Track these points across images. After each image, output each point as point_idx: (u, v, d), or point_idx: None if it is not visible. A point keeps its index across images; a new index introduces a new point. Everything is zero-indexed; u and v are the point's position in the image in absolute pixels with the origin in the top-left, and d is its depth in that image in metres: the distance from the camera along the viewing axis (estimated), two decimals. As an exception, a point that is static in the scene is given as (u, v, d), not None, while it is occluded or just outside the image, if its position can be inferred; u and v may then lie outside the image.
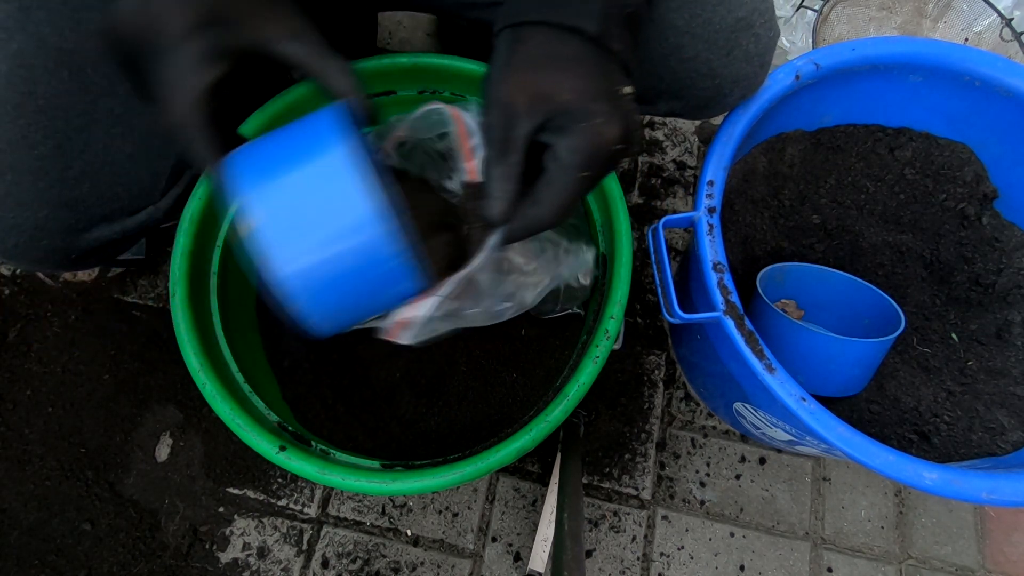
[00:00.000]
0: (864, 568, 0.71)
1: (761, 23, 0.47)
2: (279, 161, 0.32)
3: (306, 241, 0.31)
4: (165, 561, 0.70)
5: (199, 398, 0.74)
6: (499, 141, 0.33)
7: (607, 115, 0.32)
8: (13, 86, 0.42)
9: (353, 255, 0.31)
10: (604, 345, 0.48)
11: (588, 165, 0.32)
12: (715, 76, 0.47)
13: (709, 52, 0.46)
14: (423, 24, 0.99)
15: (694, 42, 0.45)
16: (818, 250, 0.71)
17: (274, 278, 0.31)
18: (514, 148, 0.33)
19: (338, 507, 0.72)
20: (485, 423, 0.61)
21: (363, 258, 0.32)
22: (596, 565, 0.71)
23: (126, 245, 0.52)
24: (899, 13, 0.94)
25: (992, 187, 0.63)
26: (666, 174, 0.89)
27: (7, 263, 0.55)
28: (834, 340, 0.59)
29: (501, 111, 0.33)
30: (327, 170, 0.31)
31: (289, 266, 0.31)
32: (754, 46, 0.47)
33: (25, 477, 0.72)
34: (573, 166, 0.32)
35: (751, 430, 0.66)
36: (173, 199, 0.52)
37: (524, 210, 0.34)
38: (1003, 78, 0.55)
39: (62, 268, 0.49)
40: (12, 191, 0.43)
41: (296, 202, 0.31)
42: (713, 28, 0.45)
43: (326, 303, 0.33)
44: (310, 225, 0.31)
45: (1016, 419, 0.57)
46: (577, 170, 0.32)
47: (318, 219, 0.31)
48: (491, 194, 0.33)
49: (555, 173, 0.33)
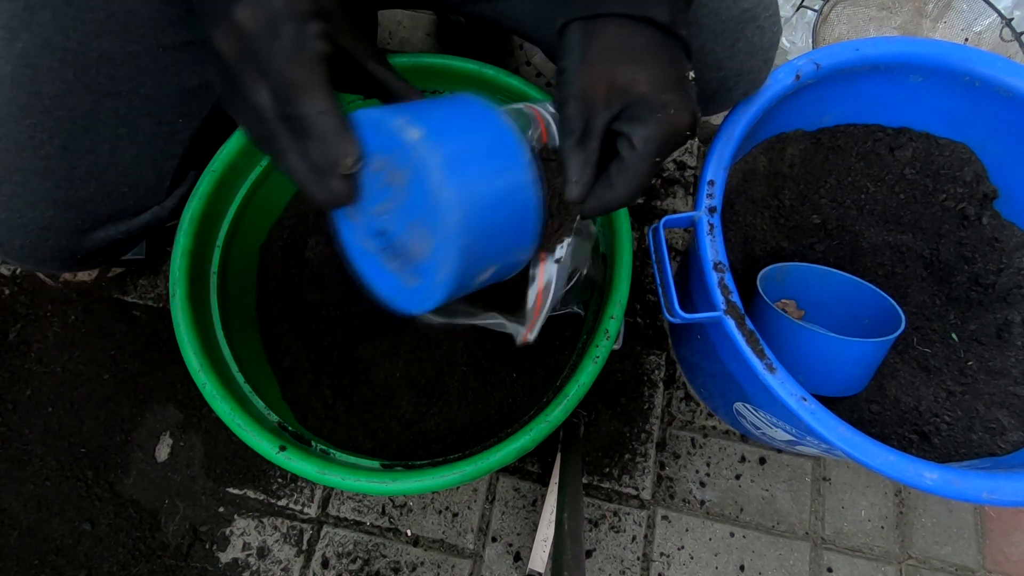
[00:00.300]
0: (864, 568, 0.71)
1: (766, 16, 0.47)
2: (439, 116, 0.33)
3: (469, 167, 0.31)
4: (165, 561, 0.70)
5: (199, 398, 0.74)
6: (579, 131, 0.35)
7: (678, 105, 0.34)
8: (19, 86, 0.42)
9: (505, 188, 0.32)
10: (604, 345, 0.48)
11: (661, 151, 0.34)
12: (720, 68, 0.47)
13: (715, 43, 0.46)
14: (423, 24, 0.99)
15: (699, 32, 0.45)
16: (818, 250, 0.71)
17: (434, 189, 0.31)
18: (593, 137, 0.34)
19: (338, 507, 0.72)
20: (485, 423, 0.61)
21: (512, 193, 0.33)
22: (596, 565, 0.71)
23: (131, 245, 0.52)
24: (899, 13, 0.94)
25: (992, 187, 0.63)
26: (666, 174, 0.89)
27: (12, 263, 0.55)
28: (834, 340, 0.59)
29: (581, 103, 0.34)
30: (487, 122, 0.33)
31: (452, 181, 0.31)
32: (759, 39, 0.47)
33: (25, 477, 0.72)
34: (648, 153, 0.34)
35: (751, 430, 0.66)
36: (178, 199, 0.52)
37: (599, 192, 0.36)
38: (1003, 78, 0.55)
39: (67, 268, 0.49)
40: (19, 191, 0.43)
41: (462, 138, 0.32)
42: (719, 18, 0.45)
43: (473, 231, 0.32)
44: (473, 155, 0.32)
45: (1016, 419, 0.57)
46: (651, 156, 0.34)
47: (479, 152, 0.32)
48: (571, 178, 0.35)
49: (631, 159, 0.35)
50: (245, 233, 0.60)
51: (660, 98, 0.33)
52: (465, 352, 0.65)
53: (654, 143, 0.34)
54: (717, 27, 0.45)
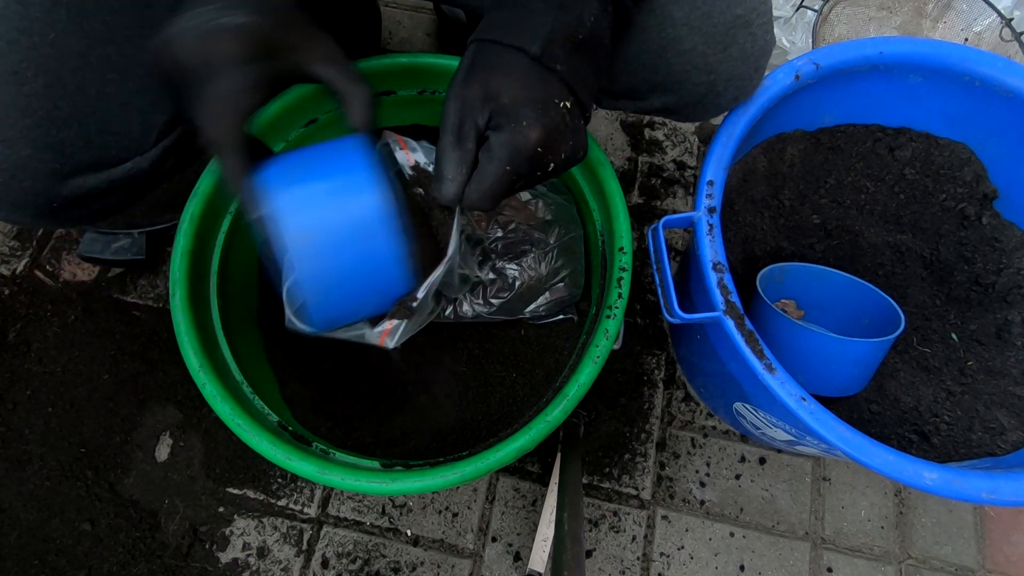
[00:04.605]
0: (864, 568, 0.71)
1: (759, 23, 0.47)
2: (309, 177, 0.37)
3: (325, 242, 0.36)
4: (165, 561, 0.70)
5: (199, 398, 0.74)
6: (454, 131, 0.38)
7: (532, 120, 0.37)
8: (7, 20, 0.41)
9: (365, 252, 0.37)
10: (604, 345, 0.48)
11: (511, 161, 0.37)
12: (710, 71, 0.47)
13: (706, 46, 0.46)
14: (423, 24, 0.99)
15: (691, 34, 0.45)
16: (818, 250, 0.71)
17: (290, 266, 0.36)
18: (466, 137, 0.38)
19: (338, 507, 0.72)
20: (485, 423, 0.61)
21: (372, 257, 0.38)
22: (596, 565, 0.71)
23: (109, 200, 0.50)
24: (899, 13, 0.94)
25: (992, 187, 0.63)
26: (666, 174, 0.89)
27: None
28: (834, 340, 0.59)
29: (459, 104, 0.38)
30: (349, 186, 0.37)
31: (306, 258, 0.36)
32: (751, 45, 0.47)
33: (25, 477, 0.72)
34: (499, 159, 0.37)
35: (751, 430, 0.66)
36: (161, 151, 0.50)
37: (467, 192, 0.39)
38: (1003, 78, 0.55)
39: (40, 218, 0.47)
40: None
41: (321, 216, 0.36)
42: (712, 22, 0.45)
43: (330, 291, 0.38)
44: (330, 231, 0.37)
45: (1016, 419, 0.57)
46: (502, 163, 0.37)
47: (338, 228, 0.37)
48: (444, 176, 0.38)
49: (485, 163, 0.38)
50: (245, 233, 0.60)
51: (517, 111, 0.37)
52: (465, 352, 0.65)
53: (505, 150, 0.37)
54: (710, 30, 0.45)
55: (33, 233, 0.84)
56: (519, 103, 0.37)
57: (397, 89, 0.61)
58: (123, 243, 0.78)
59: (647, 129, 0.91)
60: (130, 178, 0.49)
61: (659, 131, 0.91)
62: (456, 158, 0.38)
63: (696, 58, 0.46)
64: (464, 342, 0.65)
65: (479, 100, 0.37)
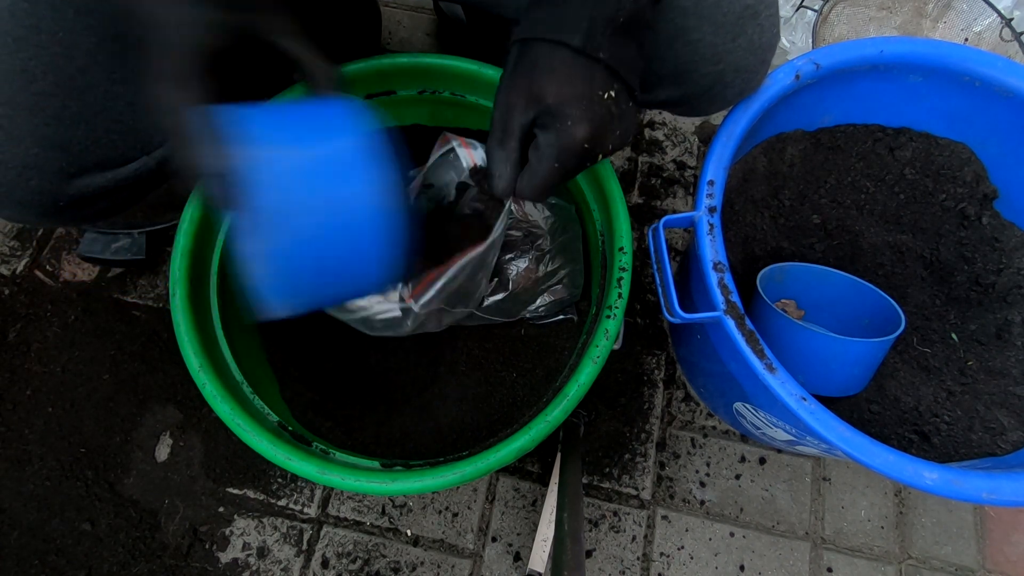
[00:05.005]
0: (864, 568, 0.71)
1: (767, 15, 0.47)
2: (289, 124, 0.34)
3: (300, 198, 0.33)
4: (165, 561, 0.70)
5: (199, 398, 0.74)
6: (500, 132, 0.40)
7: (578, 118, 0.37)
8: (16, 19, 0.41)
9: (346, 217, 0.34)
10: (604, 345, 0.48)
11: (559, 158, 0.38)
12: (719, 61, 0.47)
13: (715, 36, 0.46)
14: (423, 24, 0.99)
15: (700, 24, 0.45)
16: (818, 250, 0.71)
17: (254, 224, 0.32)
18: (511, 137, 0.39)
19: (338, 507, 0.72)
20: (485, 423, 0.61)
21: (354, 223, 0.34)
22: (596, 565, 0.71)
23: (115, 199, 0.50)
24: (899, 13, 0.94)
25: (992, 187, 0.63)
26: (666, 174, 0.89)
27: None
28: (834, 340, 0.59)
29: (503, 108, 0.39)
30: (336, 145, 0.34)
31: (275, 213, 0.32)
32: (759, 37, 0.47)
33: (25, 477, 0.72)
34: (548, 157, 0.38)
35: (751, 430, 0.66)
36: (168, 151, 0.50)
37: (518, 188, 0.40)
38: (1003, 78, 0.55)
39: (46, 217, 0.47)
40: (4, 125, 0.41)
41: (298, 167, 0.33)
42: (721, 11, 0.45)
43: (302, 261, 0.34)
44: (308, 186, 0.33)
45: (1016, 419, 0.57)
46: (551, 161, 0.38)
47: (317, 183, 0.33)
48: (492, 174, 0.40)
49: (534, 162, 0.39)
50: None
51: (563, 109, 0.37)
52: (465, 352, 0.65)
53: (552, 149, 0.38)
54: (719, 19, 0.45)
55: (33, 233, 0.84)
56: (563, 101, 0.37)
57: (397, 89, 0.61)
58: (123, 243, 0.78)
59: (647, 129, 0.91)
60: (137, 177, 0.49)
61: (659, 131, 0.91)
62: (502, 157, 0.40)
63: (704, 48, 0.46)
64: (464, 342, 0.65)
65: (524, 101, 0.38)
